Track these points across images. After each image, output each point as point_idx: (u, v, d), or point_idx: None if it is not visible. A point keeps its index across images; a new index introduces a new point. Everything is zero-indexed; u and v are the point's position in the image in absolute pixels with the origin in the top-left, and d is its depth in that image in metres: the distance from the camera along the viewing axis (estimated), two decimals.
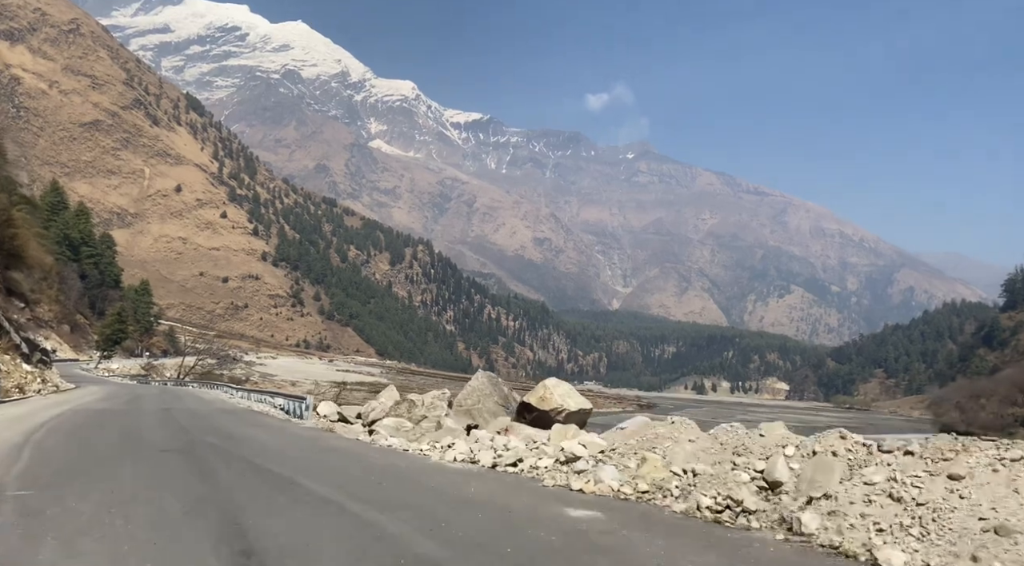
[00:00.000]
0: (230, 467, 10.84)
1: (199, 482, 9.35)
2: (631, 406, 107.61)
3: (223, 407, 26.58)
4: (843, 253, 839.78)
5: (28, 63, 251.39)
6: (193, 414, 21.78)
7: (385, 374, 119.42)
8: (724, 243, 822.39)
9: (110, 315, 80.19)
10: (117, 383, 49.52)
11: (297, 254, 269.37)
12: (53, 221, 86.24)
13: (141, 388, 42.68)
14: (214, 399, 32.86)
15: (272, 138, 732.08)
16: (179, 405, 25.64)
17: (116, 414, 20.50)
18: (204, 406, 26.36)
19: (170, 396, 32.91)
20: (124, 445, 13.11)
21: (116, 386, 42.15)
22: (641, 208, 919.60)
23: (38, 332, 67.50)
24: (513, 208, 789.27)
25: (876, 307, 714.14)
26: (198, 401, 29.82)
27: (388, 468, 11.48)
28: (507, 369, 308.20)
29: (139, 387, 44.87)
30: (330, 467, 11.60)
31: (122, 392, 33.60)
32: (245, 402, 30.94)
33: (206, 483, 9.32)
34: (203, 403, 28.55)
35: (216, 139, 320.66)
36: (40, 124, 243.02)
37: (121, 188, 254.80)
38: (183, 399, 30.45)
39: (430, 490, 9.44)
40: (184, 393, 38.27)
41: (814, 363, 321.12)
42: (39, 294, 73.22)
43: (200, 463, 11.08)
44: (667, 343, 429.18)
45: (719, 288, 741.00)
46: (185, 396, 33.91)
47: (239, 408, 26.45)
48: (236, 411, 24.71)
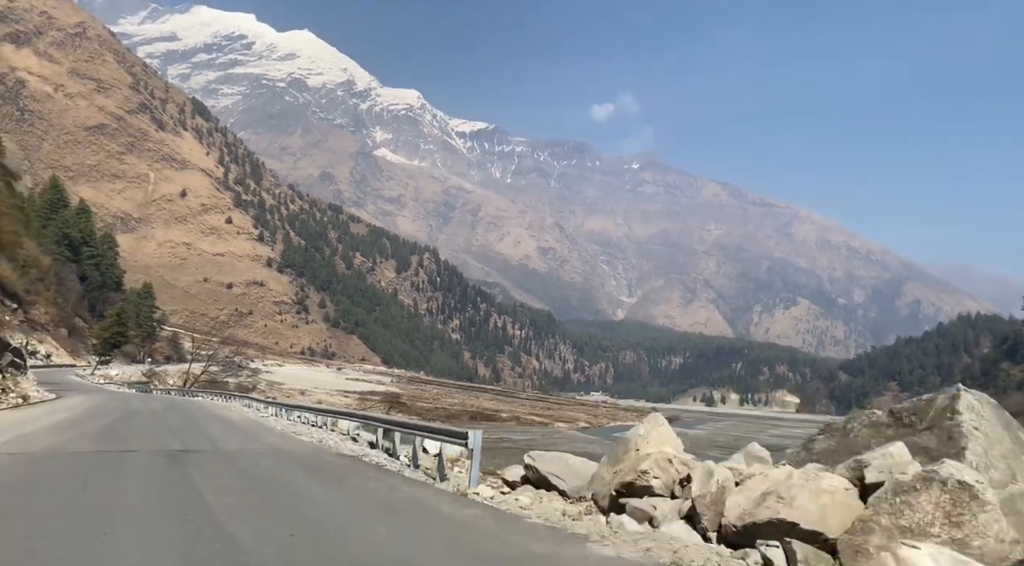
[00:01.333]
0: None
1: None
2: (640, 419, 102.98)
3: (278, 444, 15.87)
4: (849, 265, 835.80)
5: (34, 66, 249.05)
6: (240, 472, 10.80)
7: (396, 383, 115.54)
8: (730, 254, 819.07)
9: (109, 316, 74.67)
10: (113, 392, 43.46)
11: (302, 261, 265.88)
12: (52, 220, 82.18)
13: (139, 399, 34.26)
14: (245, 422, 23.01)
15: (277, 146, 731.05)
16: (199, 439, 15.39)
17: (63, 476, 9.29)
18: (245, 440, 16.13)
19: (179, 415, 23.36)
20: None
21: (109, 396, 34.87)
22: (646, 219, 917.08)
23: (32, 335, 63.44)
24: (518, 217, 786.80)
25: (883, 320, 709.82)
26: (226, 427, 19.80)
27: None
28: (513, 379, 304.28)
29: (137, 398, 35.52)
30: None
31: (112, 407, 25.10)
32: (292, 427, 21.59)
33: None
34: (236, 431, 18.57)
35: (222, 144, 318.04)
36: (45, 127, 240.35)
37: (125, 192, 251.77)
38: (200, 423, 20.77)
39: None
40: (197, 409, 28.84)
41: (825, 376, 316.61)
42: (35, 295, 69.07)
43: None
44: (674, 354, 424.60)
45: (724, 299, 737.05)
46: (201, 415, 24.44)
47: (305, 449, 15.18)
48: (320, 464, 12.65)
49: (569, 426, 69.98)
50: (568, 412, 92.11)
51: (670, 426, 10.16)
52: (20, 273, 65.51)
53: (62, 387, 36.47)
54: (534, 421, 70.80)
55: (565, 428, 65.40)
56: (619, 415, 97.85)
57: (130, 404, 28.23)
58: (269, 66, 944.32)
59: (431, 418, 60.24)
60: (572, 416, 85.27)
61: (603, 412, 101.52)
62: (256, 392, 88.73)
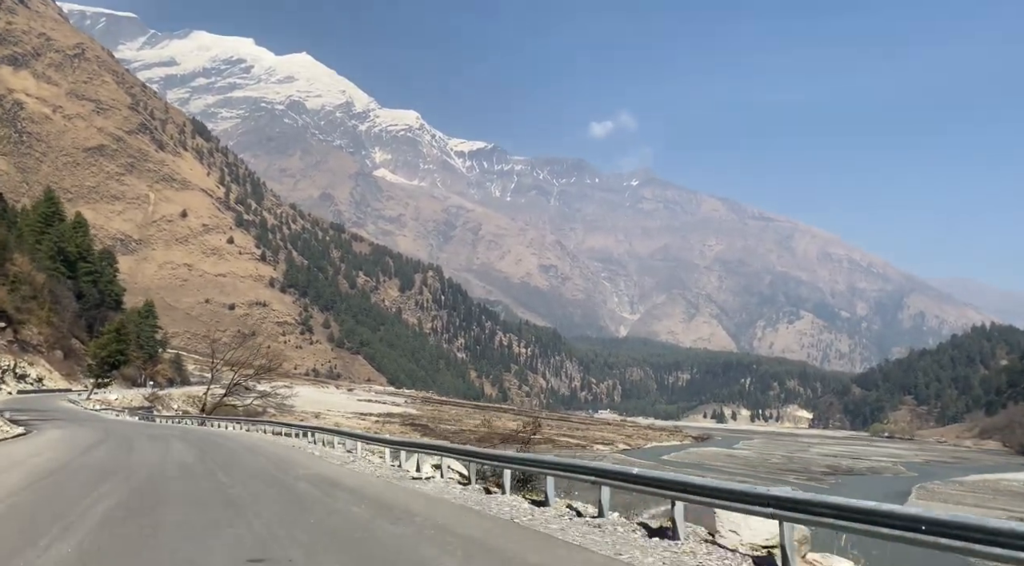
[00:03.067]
0: None
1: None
2: (687, 439, 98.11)
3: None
4: (852, 278, 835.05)
5: (32, 88, 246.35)
6: None
7: (411, 404, 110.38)
8: (731, 269, 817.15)
9: (106, 332, 67.15)
10: (110, 420, 36.36)
11: (306, 280, 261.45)
12: (46, 234, 76.95)
13: (144, 435, 24.73)
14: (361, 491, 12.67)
15: (277, 168, 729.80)
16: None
17: None
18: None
19: (252, 475, 13.96)
20: None
21: (103, 429, 26.37)
22: (647, 235, 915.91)
23: (22, 357, 58.15)
24: (518, 236, 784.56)
25: (887, 332, 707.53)
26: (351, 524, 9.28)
27: None
28: (521, 398, 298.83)
29: (140, 433, 26.30)
30: None
31: (102, 456, 16.10)
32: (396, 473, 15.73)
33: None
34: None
35: (222, 164, 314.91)
36: (43, 149, 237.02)
37: (125, 214, 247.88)
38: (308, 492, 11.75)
39: None
40: (246, 451, 19.26)
41: (838, 390, 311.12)
42: (26, 314, 63.46)
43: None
44: (681, 370, 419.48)
45: (727, 314, 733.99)
46: (274, 466, 15.79)
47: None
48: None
49: (611, 449, 65.15)
50: (596, 432, 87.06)
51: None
52: (9, 289, 60.21)
53: (45, 416, 30.70)
54: (569, 443, 65.94)
55: (607, 451, 60.72)
56: (650, 434, 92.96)
57: (134, 442, 20.19)
58: (268, 89, 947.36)
59: (461, 441, 55.65)
60: (605, 436, 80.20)
61: (631, 431, 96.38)
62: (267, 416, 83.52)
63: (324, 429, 26.66)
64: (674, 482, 8.91)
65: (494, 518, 9.60)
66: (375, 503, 10.45)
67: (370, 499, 10.92)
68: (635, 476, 9.56)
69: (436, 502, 10.95)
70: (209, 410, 53.13)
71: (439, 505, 10.59)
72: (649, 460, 51.75)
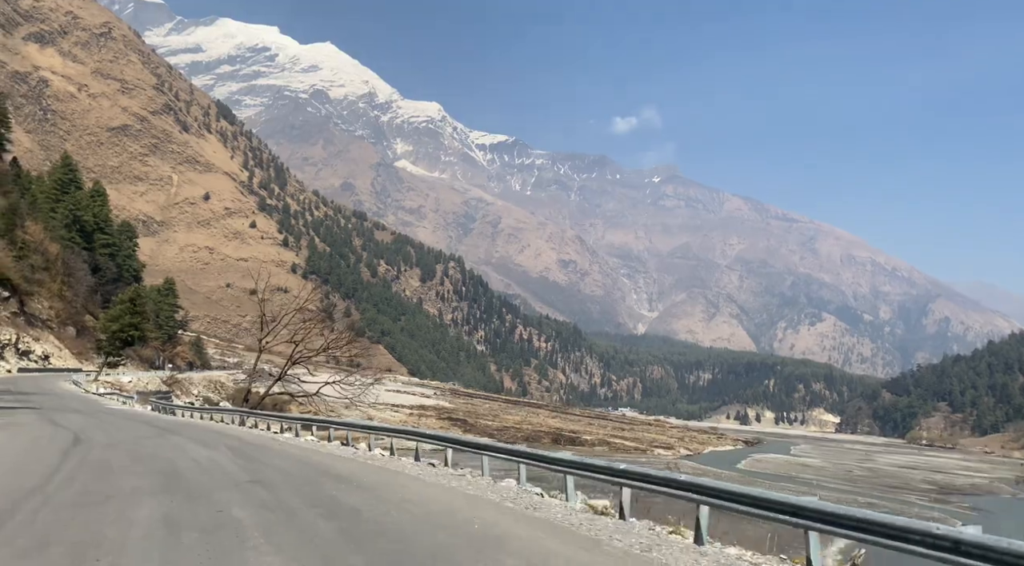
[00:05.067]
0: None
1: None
2: (738, 443, 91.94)
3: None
4: (875, 281, 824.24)
5: (58, 66, 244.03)
6: None
7: (440, 396, 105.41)
8: (752, 269, 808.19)
9: (119, 302, 57.50)
10: (112, 409, 28.64)
11: (327, 267, 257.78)
12: (62, 201, 71.99)
13: (161, 455, 13.80)
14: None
15: (299, 156, 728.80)
16: None
17: None
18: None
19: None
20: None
21: (68, 438, 15.51)
22: (667, 232, 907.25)
23: (27, 331, 52.75)
24: (538, 230, 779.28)
25: (910, 337, 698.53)
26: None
27: None
28: (540, 393, 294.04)
29: (142, 447, 15.20)
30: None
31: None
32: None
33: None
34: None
35: (246, 148, 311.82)
36: (67, 128, 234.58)
37: (148, 195, 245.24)
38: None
39: None
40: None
41: (867, 395, 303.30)
42: (36, 285, 57.71)
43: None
44: (702, 369, 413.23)
45: (748, 314, 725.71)
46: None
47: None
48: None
49: (673, 454, 59.61)
50: (646, 434, 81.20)
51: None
52: (17, 255, 54.50)
53: (21, 401, 24.87)
54: (626, 446, 60.48)
55: (669, 456, 55.34)
56: (699, 437, 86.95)
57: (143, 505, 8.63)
58: (292, 78, 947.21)
59: (508, 440, 50.58)
60: (658, 439, 74.27)
61: (679, 434, 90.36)
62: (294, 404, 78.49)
63: (421, 434, 17.61)
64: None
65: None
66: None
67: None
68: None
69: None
70: (255, 403, 39.68)
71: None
72: (722, 468, 46.54)
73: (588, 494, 12.79)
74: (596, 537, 8.16)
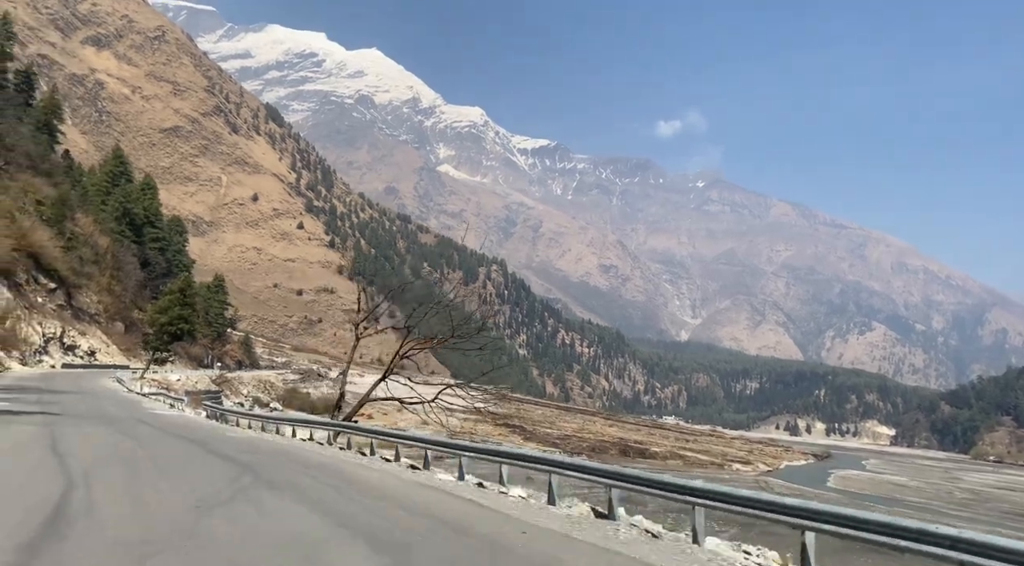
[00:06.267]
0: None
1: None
2: (808, 457, 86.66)
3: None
4: (927, 290, 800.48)
5: (113, 68, 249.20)
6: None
7: (488, 399, 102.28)
8: (800, 276, 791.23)
9: (168, 293, 53.79)
10: (158, 416, 23.29)
11: (372, 269, 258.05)
12: (112, 193, 70.89)
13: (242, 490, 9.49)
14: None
15: (344, 160, 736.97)
16: None
17: None
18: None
19: None
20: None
21: (78, 472, 9.88)
22: (711, 238, 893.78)
23: (73, 326, 50.94)
24: (579, 234, 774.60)
25: (965, 348, 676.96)
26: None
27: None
28: (583, 399, 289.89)
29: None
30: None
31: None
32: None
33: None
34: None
35: (294, 150, 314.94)
36: (121, 129, 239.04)
37: (197, 195, 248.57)
38: None
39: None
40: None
41: (925, 407, 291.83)
42: (84, 278, 55.92)
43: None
44: (748, 378, 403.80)
45: (794, 322, 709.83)
46: None
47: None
48: None
49: (752, 469, 55.57)
50: (711, 446, 76.70)
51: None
52: (65, 247, 52.57)
53: (46, 406, 19.77)
54: (700, 460, 56.54)
55: (749, 472, 51.41)
56: (771, 451, 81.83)
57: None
58: (338, 83, 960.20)
59: (570, 450, 47.43)
60: (729, 452, 69.87)
61: (747, 446, 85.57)
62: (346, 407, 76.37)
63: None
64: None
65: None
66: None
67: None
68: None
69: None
70: (350, 414, 28.50)
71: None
72: (812, 487, 42.35)
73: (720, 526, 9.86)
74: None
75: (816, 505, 7.91)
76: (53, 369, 43.15)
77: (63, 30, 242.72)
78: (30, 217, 47.40)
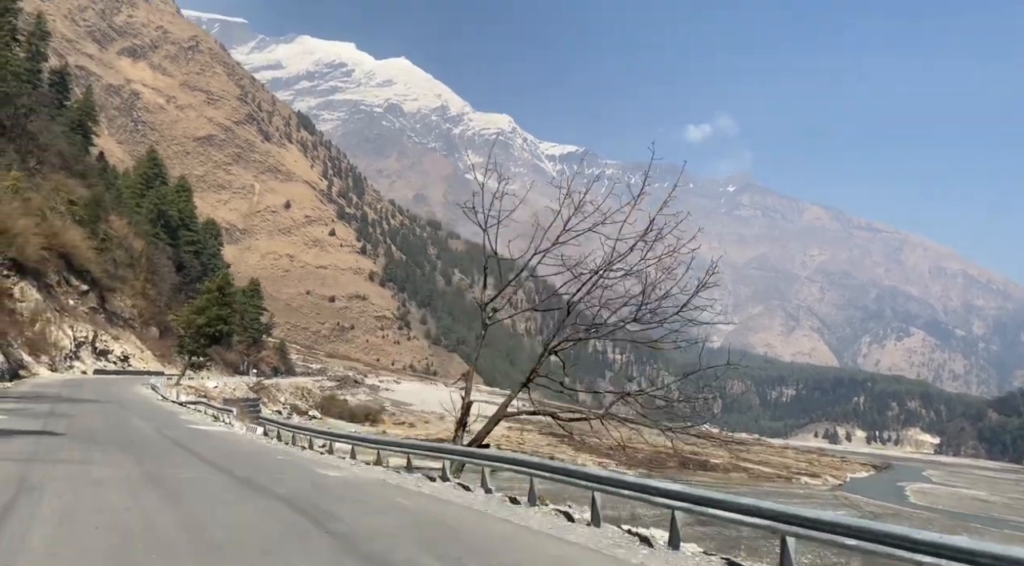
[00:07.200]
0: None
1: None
2: (868, 468, 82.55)
3: None
4: (967, 295, 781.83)
5: (148, 79, 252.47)
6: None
7: (528, 405, 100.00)
8: (834, 281, 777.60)
9: (204, 292, 49.33)
10: (199, 436, 18.73)
11: (404, 276, 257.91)
12: (146, 196, 69.83)
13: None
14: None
15: (374, 168, 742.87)
16: None
17: None
18: None
19: None
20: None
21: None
22: (743, 242, 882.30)
23: (106, 330, 49.25)
24: None
25: (1008, 354, 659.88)
26: None
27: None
28: (617, 407, 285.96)
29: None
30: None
31: None
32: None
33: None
34: None
35: (325, 157, 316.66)
36: (156, 138, 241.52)
37: (231, 203, 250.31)
38: None
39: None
40: None
41: (971, 414, 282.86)
42: (118, 281, 54.62)
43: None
44: (784, 385, 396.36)
45: (829, 328, 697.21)
46: None
47: None
48: None
49: (822, 483, 52.15)
50: (770, 457, 72.86)
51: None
52: (99, 248, 51.12)
53: (48, 424, 15.41)
54: (766, 473, 53.24)
55: (819, 485, 48.12)
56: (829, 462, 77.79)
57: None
58: (367, 92, 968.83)
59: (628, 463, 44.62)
60: (792, 464, 66.20)
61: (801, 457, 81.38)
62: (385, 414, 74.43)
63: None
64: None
65: None
66: None
67: None
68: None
69: None
70: (480, 436, 16.87)
71: None
72: (894, 503, 38.96)
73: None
74: None
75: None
76: (84, 375, 41.28)
77: (100, 42, 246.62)
78: (62, 217, 46.08)
